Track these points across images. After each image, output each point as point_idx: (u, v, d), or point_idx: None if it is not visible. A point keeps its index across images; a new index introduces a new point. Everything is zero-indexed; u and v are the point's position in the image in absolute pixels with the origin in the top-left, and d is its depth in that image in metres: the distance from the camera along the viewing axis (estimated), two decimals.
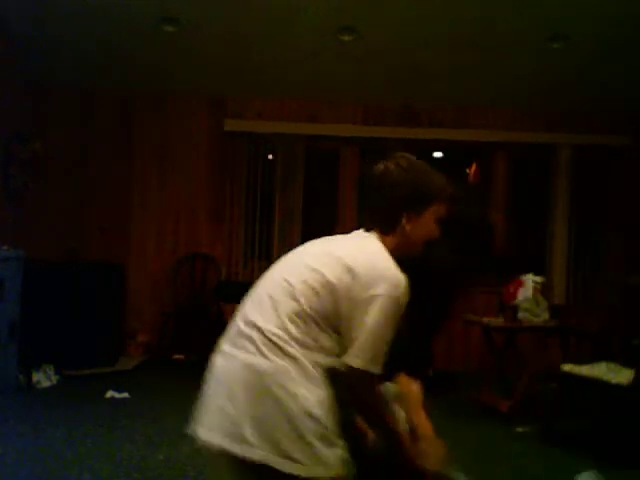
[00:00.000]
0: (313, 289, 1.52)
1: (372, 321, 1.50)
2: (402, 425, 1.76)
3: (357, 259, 1.55)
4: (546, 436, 3.84)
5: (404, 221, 1.65)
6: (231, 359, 1.53)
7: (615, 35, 4.88)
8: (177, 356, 5.65)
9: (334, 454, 1.49)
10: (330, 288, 1.52)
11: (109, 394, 4.46)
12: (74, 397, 4.42)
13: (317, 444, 1.46)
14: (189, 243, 5.87)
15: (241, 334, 1.54)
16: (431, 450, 1.79)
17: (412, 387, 1.91)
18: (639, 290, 4.92)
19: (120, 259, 5.73)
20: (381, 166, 1.71)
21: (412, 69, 5.44)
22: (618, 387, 3.48)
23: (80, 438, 3.50)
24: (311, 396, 1.47)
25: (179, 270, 5.82)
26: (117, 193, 5.95)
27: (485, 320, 4.61)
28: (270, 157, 6.04)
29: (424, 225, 1.68)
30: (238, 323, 1.58)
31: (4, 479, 2.89)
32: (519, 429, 4.02)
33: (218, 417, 1.50)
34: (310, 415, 1.46)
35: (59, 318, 4.86)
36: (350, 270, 1.52)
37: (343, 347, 1.53)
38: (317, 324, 1.51)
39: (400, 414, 1.80)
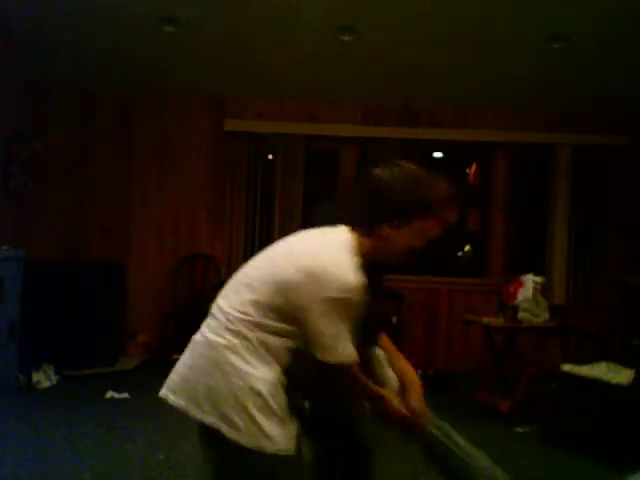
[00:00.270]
0: (269, 284, 1.64)
1: (322, 322, 1.59)
2: (393, 384, 1.95)
3: (314, 260, 1.63)
4: (546, 436, 3.84)
5: (386, 228, 1.69)
6: (201, 335, 1.74)
7: (615, 35, 4.88)
8: (177, 356, 5.61)
9: (280, 430, 1.60)
10: (282, 285, 1.62)
11: (109, 394, 4.46)
12: (74, 397, 4.42)
13: (261, 418, 1.58)
14: (189, 243, 5.88)
15: (211, 315, 1.76)
16: (415, 393, 1.93)
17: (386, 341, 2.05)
18: (639, 290, 4.92)
19: (120, 259, 5.74)
20: (376, 171, 1.75)
21: (412, 69, 5.44)
22: (618, 387, 3.48)
23: (80, 438, 3.50)
24: (258, 373, 1.60)
25: (179, 270, 5.82)
26: (117, 193, 5.95)
27: (485, 320, 4.62)
28: (270, 157, 6.04)
29: (408, 236, 1.71)
30: (213, 306, 1.78)
31: (4, 479, 2.89)
32: (519, 429, 4.02)
33: (182, 382, 1.70)
34: (254, 390, 1.59)
35: (59, 318, 4.86)
36: (303, 270, 1.60)
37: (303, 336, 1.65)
38: (273, 313, 1.62)
39: (391, 375, 1.98)
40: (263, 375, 1.61)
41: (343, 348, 1.62)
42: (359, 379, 1.75)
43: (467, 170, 6.17)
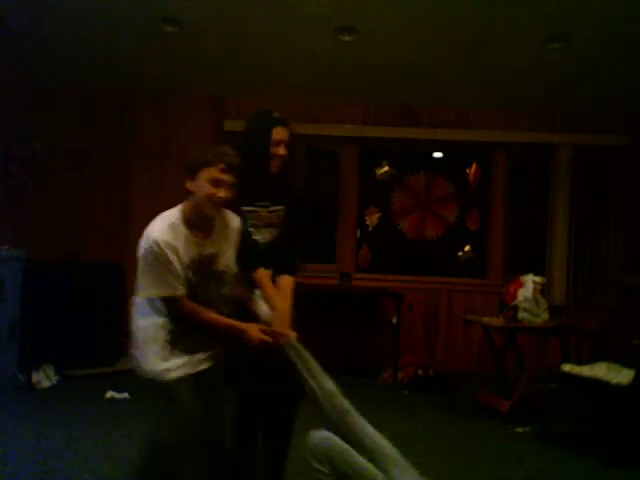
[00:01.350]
0: None
1: (139, 269, 2.29)
2: (264, 313, 2.37)
3: None
4: (546, 436, 3.84)
5: (189, 184, 2.24)
6: None
7: (615, 35, 4.89)
8: None
9: (158, 360, 2.22)
10: None
11: (109, 394, 4.46)
12: (74, 397, 4.42)
13: (144, 352, 2.28)
14: None
15: None
16: (278, 318, 2.32)
17: (261, 275, 2.44)
18: (639, 290, 4.93)
19: (120, 259, 5.73)
20: None
21: (412, 69, 5.44)
22: (618, 387, 3.48)
23: (80, 438, 3.50)
24: (142, 322, 2.34)
25: None
26: (117, 193, 5.95)
27: (485, 320, 4.62)
28: None
29: (200, 186, 2.20)
30: None
31: (4, 479, 2.89)
32: (519, 429, 4.02)
33: None
34: (140, 333, 2.33)
35: (59, 318, 4.86)
36: None
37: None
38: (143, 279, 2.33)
39: (264, 309, 2.39)
40: (144, 323, 2.32)
41: (151, 287, 2.28)
42: (192, 309, 2.23)
43: (467, 170, 6.17)
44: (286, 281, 2.48)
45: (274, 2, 4.72)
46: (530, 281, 4.43)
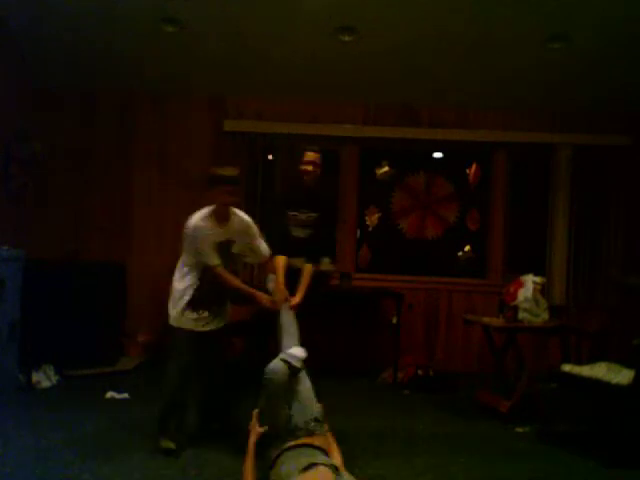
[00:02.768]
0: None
1: (184, 245, 3.48)
2: (271, 288, 3.69)
3: None
4: (546, 436, 3.84)
5: (208, 194, 3.38)
6: None
7: (615, 35, 4.89)
8: None
9: (177, 313, 3.45)
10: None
11: (109, 394, 4.46)
12: (74, 397, 4.42)
13: (172, 307, 3.48)
14: None
15: None
16: (277, 290, 3.58)
17: (279, 261, 3.68)
18: (639, 290, 4.93)
19: (120, 259, 5.74)
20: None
21: (412, 69, 5.44)
22: (618, 387, 3.48)
23: (80, 438, 3.50)
24: (179, 285, 3.49)
25: None
26: (117, 193, 5.95)
27: (485, 320, 4.62)
28: (270, 157, 6.04)
29: (215, 196, 3.37)
30: None
31: (4, 479, 2.89)
32: (519, 429, 4.02)
33: None
34: (174, 291, 3.50)
35: (59, 318, 4.86)
36: None
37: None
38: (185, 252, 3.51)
39: (271, 285, 3.72)
40: (178, 286, 3.49)
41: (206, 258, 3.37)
42: (223, 275, 3.39)
43: (467, 170, 6.17)
44: (280, 260, 3.67)
45: (274, 2, 4.72)
46: (530, 281, 4.43)
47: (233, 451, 3.30)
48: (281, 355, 3.05)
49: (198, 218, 3.37)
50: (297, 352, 3.10)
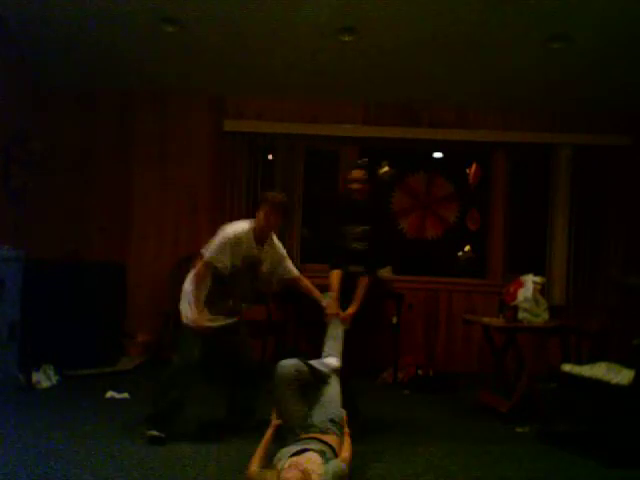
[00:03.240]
0: None
1: (215, 243, 3.59)
2: (325, 303, 3.78)
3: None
4: (546, 436, 3.84)
5: (257, 212, 3.63)
6: None
7: (615, 35, 4.89)
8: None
9: (193, 314, 3.49)
10: None
11: (109, 394, 4.46)
12: (74, 397, 4.42)
13: (187, 307, 3.55)
14: (189, 243, 5.86)
15: None
16: (330, 304, 3.75)
17: (334, 276, 3.89)
18: (639, 290, 4.92)
19: (120, 259, 5.74)
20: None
21: (412, 69, 5.44)
22: (618, 387, 3.48)
23: (80, 438, 3.50)
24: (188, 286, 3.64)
25: (179, 270, 5.80)
26: (117, 193, 5.95)
27: (485, 320, 4.62)
28: (270, 157, 6.04)
29: (260, 216, 3.58)
30: None
31: (4, 479, 2.89)
32: (519, 429, 4.02)
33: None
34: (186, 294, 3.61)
35: (59, 318, 4.86)
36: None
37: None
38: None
39: (325, 300, 3.79)
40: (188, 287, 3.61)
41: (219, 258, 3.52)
42: (202, 272, 3.57)
43: (467, 170, 6.16)
44: (335, 275, 3.90)
45: (274, 2, 4.72)
46: (530, 281, 4.43)
47: (233, 451, 3.31)
48: (313, 360, 3.26)
49: (241, 229, 3.54)
50: (330, 361, 3.37)
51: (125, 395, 4.48)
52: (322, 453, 2.60)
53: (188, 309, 3.52)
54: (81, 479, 2.93)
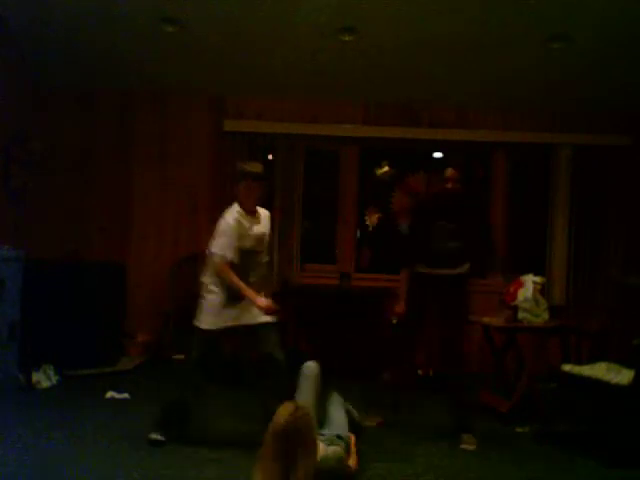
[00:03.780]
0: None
1: (217, 238, 3.53)
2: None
3: None
4: (546, 436, 3.84)
5: (236, 188, 3.61)
6: None
7: (615, 35, 4.89)
8: (177, 356, 5.64)
9: (207, 317, 3.52)
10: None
11: (109, 394, 4.46)
12: (74, 397, 4.42)
13: (201, 311, 3.56)
14: (189, 243, 5.87)
15: None
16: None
17: (403, 275, 4.02)
18: (639, 290, 4.92)
19: (120, 259, 5.74)
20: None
21: (412, 69, 5.44)
22: (618, 387, 3.48)
23: (80, 438, 3.50)
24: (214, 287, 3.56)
25: (179, 270, 5.81)
26: (117, 193, 5.95)
27: (485, 320, 4.61)
28: (270, 157, 6.04)
29: (242, 192, 3.56)
30: None
31: (4, 479, 2.89)
32: (519, 429, 4.02)
33: None
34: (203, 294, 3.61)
35: (59, 318, 4.86)
36: None
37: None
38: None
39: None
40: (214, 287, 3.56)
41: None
42: (228, 272, 3.46)
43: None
44: (404, 274, 3.98)
45: (274, 2, 4.72)
46: (530, 281, 4.43)
47: (234, 451, 3.31)
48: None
49: (235, 211, 3.50)
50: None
51: (125, 395, 4.48)
52: (328, 441, 2.66)
53: (203, 312, 3.52)
54: (81, 479, 2.93)
